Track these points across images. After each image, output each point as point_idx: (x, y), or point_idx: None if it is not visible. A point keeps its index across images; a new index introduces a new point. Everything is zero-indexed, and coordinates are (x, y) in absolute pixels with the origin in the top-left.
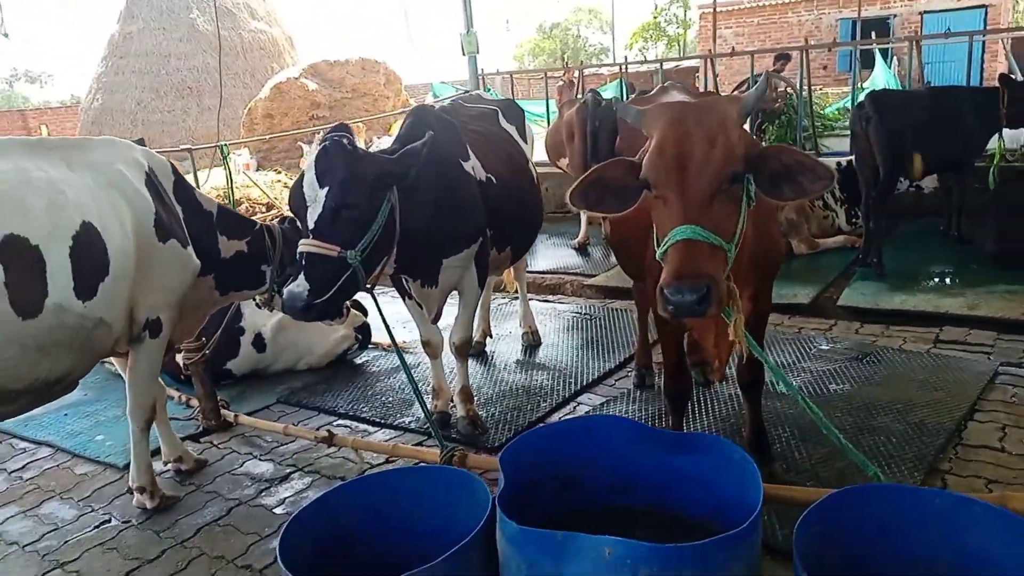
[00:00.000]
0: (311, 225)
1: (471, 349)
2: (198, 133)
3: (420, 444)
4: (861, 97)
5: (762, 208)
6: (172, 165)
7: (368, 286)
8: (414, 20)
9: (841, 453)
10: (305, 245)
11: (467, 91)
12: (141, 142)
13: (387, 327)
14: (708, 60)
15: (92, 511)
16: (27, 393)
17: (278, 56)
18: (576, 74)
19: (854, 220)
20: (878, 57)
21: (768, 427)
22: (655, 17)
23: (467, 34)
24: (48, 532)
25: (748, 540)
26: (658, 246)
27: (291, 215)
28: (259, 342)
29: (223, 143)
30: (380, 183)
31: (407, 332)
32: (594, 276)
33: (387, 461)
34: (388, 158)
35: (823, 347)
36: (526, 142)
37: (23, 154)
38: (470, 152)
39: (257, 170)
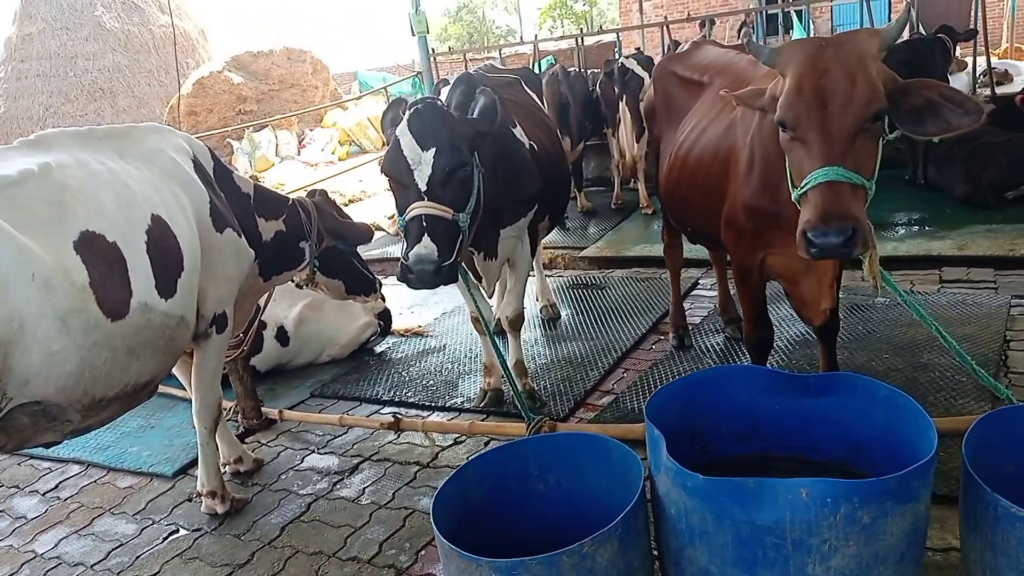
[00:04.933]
0: (422, 187)
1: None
2: None
3: (483, 421)
4: None
5: None
6: (209, 149)
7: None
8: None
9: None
10: (421, 207)
11: (413, 76)
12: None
13: (476, 304)
14: (663, 30)
15: (154, 523)
16: (118, 400)
17: (192, 51)
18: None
19: None
20: (795, 21)
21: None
22: None
23: (415, 13)
24: (114, 550)
25: (933, 464)
26: (793, 188)
27: (321, 188)
28: (282, 335)
29: None
30: (474, 144)
31: (415, 316)
32: (584, 248)
33: (455, 442)
34: (475, 118)
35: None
36: None
37: (79, 146)
38: (515, 119)
39: None
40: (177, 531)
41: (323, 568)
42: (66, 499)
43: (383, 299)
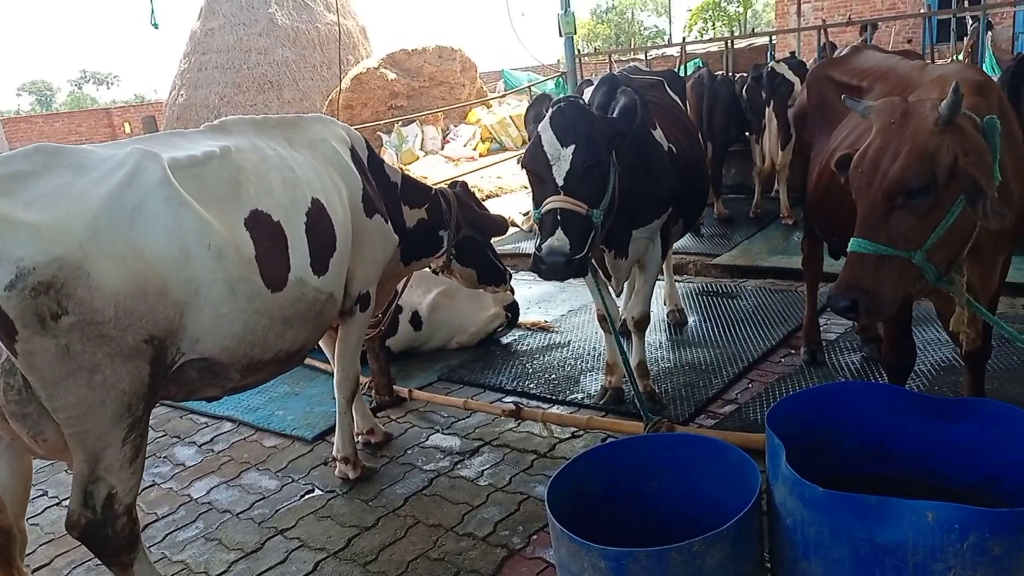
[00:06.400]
0: (560, 182)
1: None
2: None
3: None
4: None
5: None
6: (365, 139)
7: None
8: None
9: None
10: (556, 201)
11: (558, 76)
12: None
13: (604, 302)
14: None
15: (293, 481)
16: (272, 363)
17: (353, 48)
18: None
19: None
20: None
21: None
22: None
23: (564, 14)
24: (257, 501)
25: None
26: None
27: (462, 180)
28: (416, 320)
29: None
30: (612, 142)
31: (543, 312)
32: (718, 256)
33: (573, 436)
34: (614, 118)
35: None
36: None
37: (254, 132)
38: (655, 121)
39: None
40: (313, 491)
41: (440, 540)
42: (219, 452)
43: (512, 292)
